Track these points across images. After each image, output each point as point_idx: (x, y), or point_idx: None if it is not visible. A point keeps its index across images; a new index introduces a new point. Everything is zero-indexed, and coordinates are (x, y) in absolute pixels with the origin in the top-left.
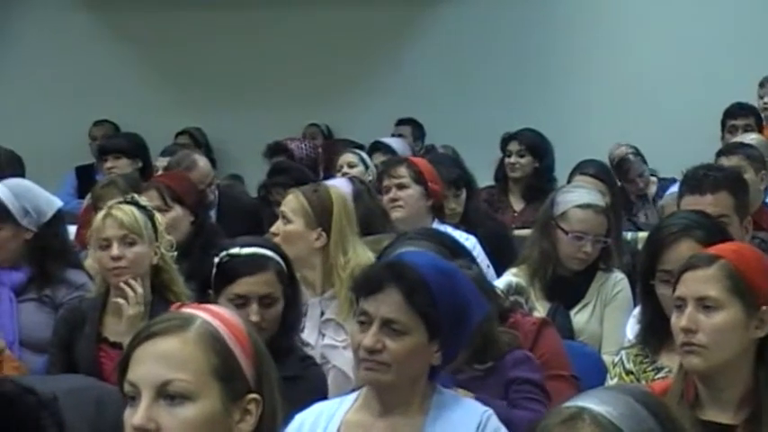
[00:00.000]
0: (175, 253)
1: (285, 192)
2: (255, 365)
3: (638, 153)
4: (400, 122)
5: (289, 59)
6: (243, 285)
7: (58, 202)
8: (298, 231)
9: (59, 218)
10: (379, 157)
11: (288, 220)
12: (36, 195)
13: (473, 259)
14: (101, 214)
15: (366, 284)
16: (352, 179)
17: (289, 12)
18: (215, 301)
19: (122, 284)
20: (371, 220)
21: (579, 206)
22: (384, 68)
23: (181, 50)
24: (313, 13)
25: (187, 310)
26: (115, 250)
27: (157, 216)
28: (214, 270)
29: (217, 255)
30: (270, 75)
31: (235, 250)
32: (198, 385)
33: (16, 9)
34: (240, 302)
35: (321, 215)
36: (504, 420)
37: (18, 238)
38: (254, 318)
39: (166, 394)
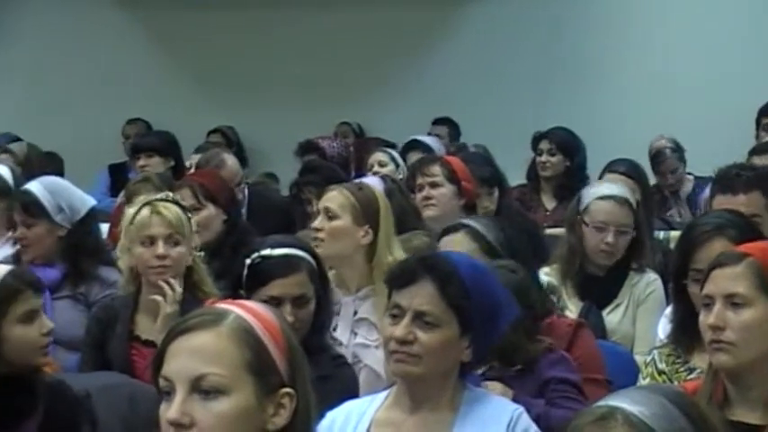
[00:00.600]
0: (202, 253)
1: (317, 190)
2: (289, 360)
3: (677, 149)
4: (436, 122)
5: (321, 58)
6: (276, 287)
7: (91, 200)
8: (345, 227)
9: (93, 216)
10: (416, 155)
11: (334, 216)
12: (70, 193)
13: (523, 259)
14: (146, 210)
15: (400, 276)
16: (384, 178)
17: (322, 11)
18: None
19: (161, 282)
20: (403, 218)
21: (600, 198)
22: (416, 67)
23: (213, 49)
24: (346, 13)
25: (221, 305)
26: (161, 249)
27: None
28: (245, 271)
29: (248, 255)
30: (302, 73)
31: (266, 251)
32: (232, 379)
33: (52, 8)
34: (273, 304)
35: (368, 212)
36: (543, 419)
37: (52, 235)
38: (288, 318)
39: (201, 389)
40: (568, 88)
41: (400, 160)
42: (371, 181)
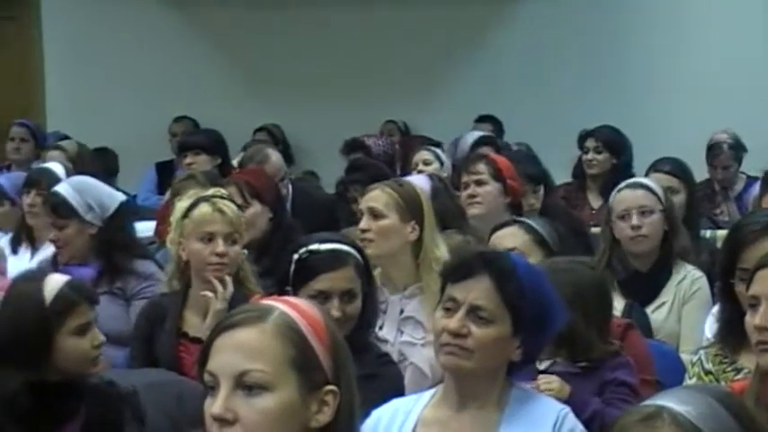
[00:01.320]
0: (246, 251)
1: (362, 189)
2: (333, 357)
3: (735, 146)
4: (480, 120)
5: (367, 57)
6: (324, 281)
7: (120, 196)
8: (393, 225)
9: (123, 211)
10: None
11: (380, 215)
12: (98, 190)
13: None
14: (206, 207)
15: (457, 270)
16: (430, 176)
17: (367, 10)
18: None
19: (214, 279)
20: (448, 217)
21: (618, 191)
22: (461, 66)
23: (260, 48)
24: (392, 12)
25: (266, 301)
26: (221, 247)
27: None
28: (293, 267)
29: (295, 251)
30: (348, 72)
31: (314, 246)
32: (275, 375)
33: (101, 6)
34: (321, 299)
35: (412, 208)
36: (599, 417)
37: (84, 234)
38: (336, 313)
39: (244, 384)
40: (615, 87)
41: (444, 158)
42: (418, 179)
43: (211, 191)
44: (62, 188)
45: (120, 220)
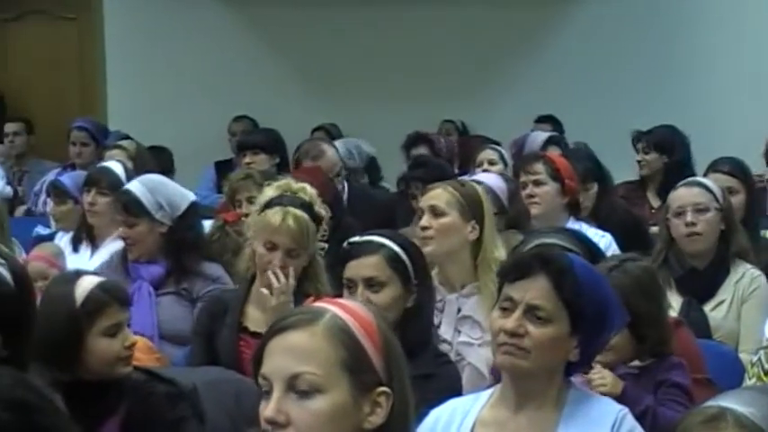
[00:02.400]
0: (326, 245)
1: (423, 186)
2: (385, 359)
3: None
4: (540, 120)
5: (424, 56)
6: (349, 269)
7: (191, 196)
8: (454, 224)
9: (193, 211)
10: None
11: (441, 214)
12: (169, 189)
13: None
14: (278, 214)
15: (514, 270)
16: (505, 177)
17: (424, 10)
18: None
19: (270, 274)
20: (522, 219)
21: (676, 188)
22: (520, 66)
23: (317, 48)
24: (449, 12)
25: (319, 303)
26: (279, 260)
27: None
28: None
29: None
30: (405, 72)
31: (356, 239)
32: (326, 378)
33: (162, 7)
34: (350, 286)
35: (473, 208)
36: (651, 415)
37: (154, 233)
38: (359, 300)
39: (296, 387)
40: (674, 86)
41: (508, 158)
42: (494, 180)
43: (296, 186)
44: (134, 186)
45: (189, 220)
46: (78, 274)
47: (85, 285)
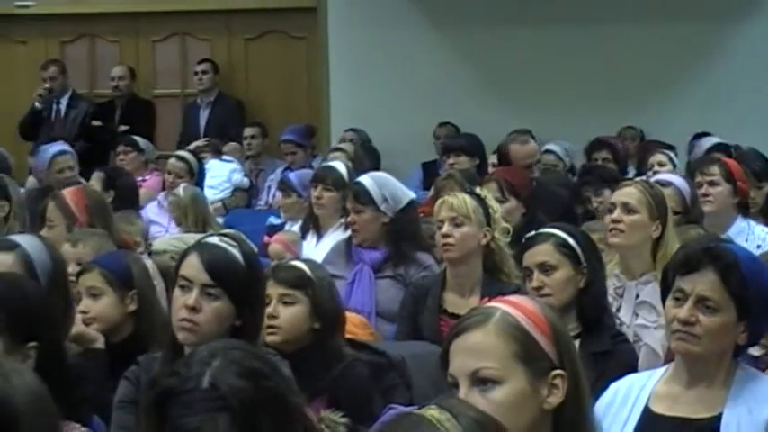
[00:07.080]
0: (509, 236)
1: (594, 190)
2: (556, 344)
3: None
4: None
5: (606, 68)
6: (526, 258)
7: (411, 194)
8: (642, 221)
9: (413, 206)
10: None
11: (633, 210)
12: (394, 185)
13: None
14: (438, 203)
15: (684, 264)
16: (689, 181)
17: (610, 28)
18: None
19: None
20: (701, 220)
21: None
22: (693, 78)
23: (511, 62)
24: (631, 27)
25: (491, 303)
26: (445, 229)
27: (493, 204)
28: None
29: None
30: (589, 82)
31: (531, 233)
32: (504, 370)
33: (384, 29)
34: (527, 274)
35: (660, 209)
36: None
37: (377, 222)
38: (534, 284)
39: (478, 381)
40: None
41: (677, 161)
42: (681, 181)
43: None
44: (365, 179)
45: (409, 214)
46: None
47: None
